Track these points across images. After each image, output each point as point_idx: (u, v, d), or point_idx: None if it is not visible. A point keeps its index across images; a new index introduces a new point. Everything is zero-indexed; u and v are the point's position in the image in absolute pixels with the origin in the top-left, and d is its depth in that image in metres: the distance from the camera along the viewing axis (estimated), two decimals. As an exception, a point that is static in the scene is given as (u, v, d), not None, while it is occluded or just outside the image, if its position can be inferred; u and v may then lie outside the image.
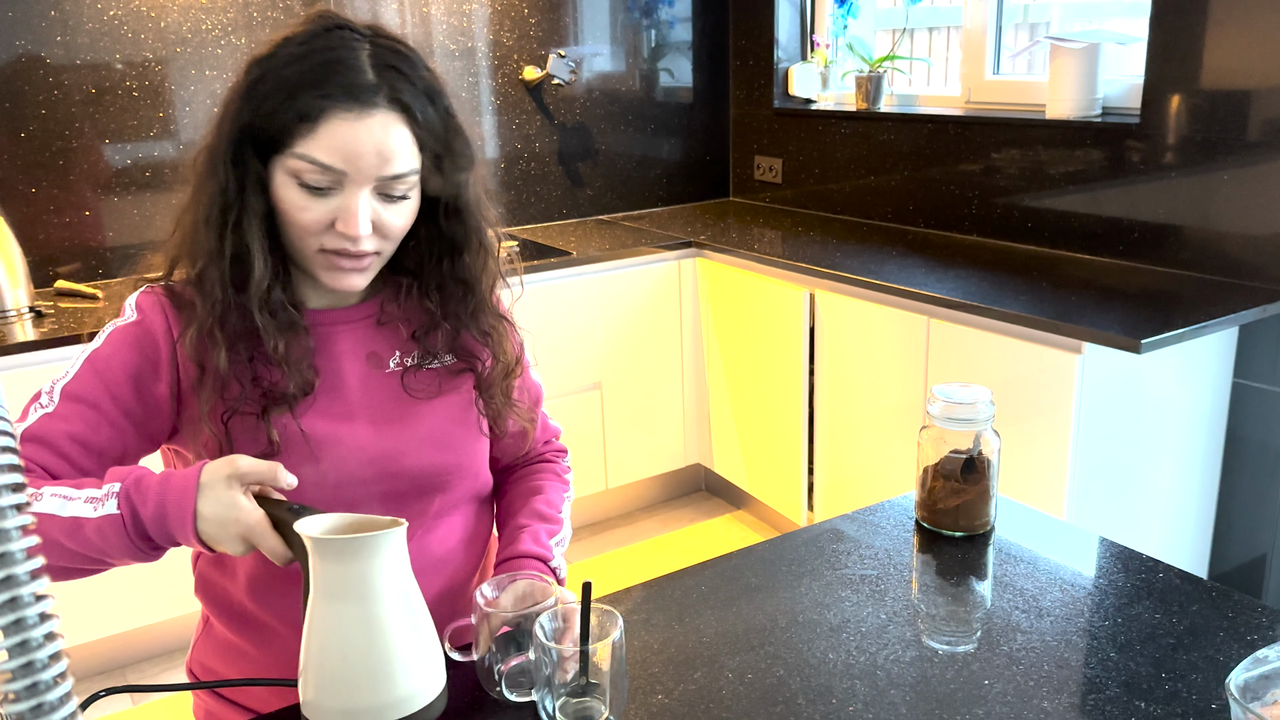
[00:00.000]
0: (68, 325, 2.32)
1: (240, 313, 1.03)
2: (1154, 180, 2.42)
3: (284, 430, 1.06)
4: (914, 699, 0.95)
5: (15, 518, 0.35)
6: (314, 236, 1.02)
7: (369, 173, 0.99)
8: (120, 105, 2.69)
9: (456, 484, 1.16)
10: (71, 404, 1.02)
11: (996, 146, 2.78)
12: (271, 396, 1.05)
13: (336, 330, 1.12)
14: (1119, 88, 2.58)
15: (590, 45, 3.39)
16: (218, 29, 2.78)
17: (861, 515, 1.32)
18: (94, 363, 1.04)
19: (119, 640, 2.51)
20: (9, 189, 2.60)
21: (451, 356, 1.17)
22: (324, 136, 0.97)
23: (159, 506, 0.92)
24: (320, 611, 0.84)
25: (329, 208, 1.00)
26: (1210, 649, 1.00)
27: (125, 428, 1.04)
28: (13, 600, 0.37)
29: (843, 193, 3.31)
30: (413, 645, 0.85)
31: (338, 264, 1.03)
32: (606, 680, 0.89)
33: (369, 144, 0.98)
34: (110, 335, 1.06)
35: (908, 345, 2.42)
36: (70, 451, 1.01)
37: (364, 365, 1.12)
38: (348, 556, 0.82)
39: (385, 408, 1.12)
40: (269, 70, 1.00)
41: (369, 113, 0.98)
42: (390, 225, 1.04)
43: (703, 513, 3.28)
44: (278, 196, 1.01)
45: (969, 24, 2.94)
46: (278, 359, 1.04)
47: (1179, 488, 2.30)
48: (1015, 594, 1.12)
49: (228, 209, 1.01)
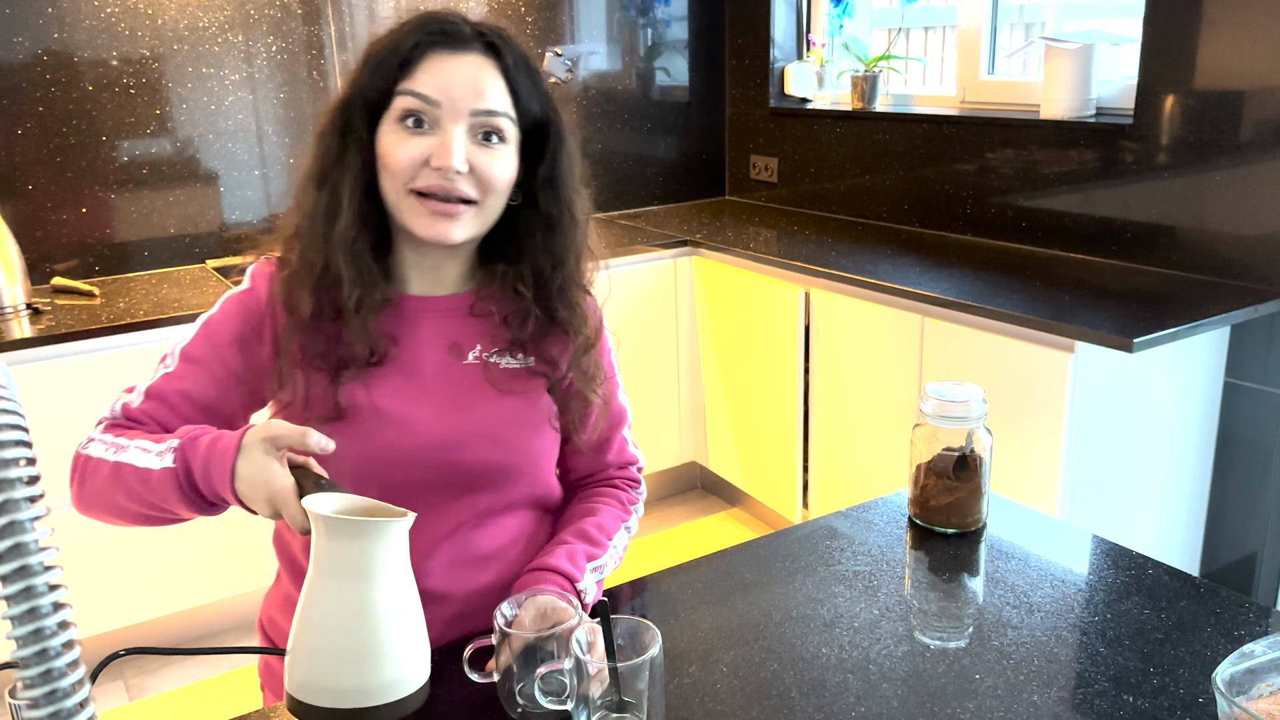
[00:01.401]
0: (64, 322, 2.33)
1: (326, 262, 1.08)
2: (1147, 180, 2.43)
3: (352, 398, 1.10)
4: (906, 692, 0.96)
5: (28, 500, 0.36)
6: (408, 174, 1.06)
7: (464, 106, 1.05)
8: (117, 102, 2.70)
9: (509, 485, 1.17)
10: (186, 364, 1.12)
11: (991, 146, 2.79)
12: (345, 359, 1.10)
13: (426, 316, 1.16)
14: (1113, 88, 2.59)
15: (587, 44, 3.40)
16: (214, 26, 2.78)
17: (854, 512, 1.33)
18: (207, 327, 1.14)
19: (121, 635, 2.51)
20: (6, 186, 2.60)
21: (532, 359, 1.19)
22: (421, 72, 1.05)
23: (205, 463, 0.96)
24: (316, 587, 0.85)
25: (424, 145, 1.05)
26: (1198, 644, 1.02)
27: (231, 386, 1.12)
28: (22, 569, 0.38)
29: (838, 192, 3.33)
30: (403, 633, 0.86)
31: (432, 207, 1.06)
32: (644, 696, 0.89)
33: (463, 76, 1.05)
34: (224, 302, 1.15)
35: (902, 344, 2.43)
36: (181, 407, 1.10)
37: (444, 353, 1.15)
38: (349, 537, 0.83)
39: (454, 397, 1.14)
40: (380, 40, 1.09)
41: (464, 51, 1.06)
42: (486, 170, 1.07)
43: (698, 510, 3.29)
44: (381, 147, 1.07)
45: (964, 24, 2.95)
46: (351, 309, 1.08)
47: (1170, 486, 2.32)
48: (1006, 590, 1.13)
49: (327, 170, 1.09)
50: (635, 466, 1.33)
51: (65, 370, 2.26)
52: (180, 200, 2.83)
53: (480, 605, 1.14)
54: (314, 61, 2.94)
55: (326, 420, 1.09)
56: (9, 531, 0.37)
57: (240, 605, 2.64)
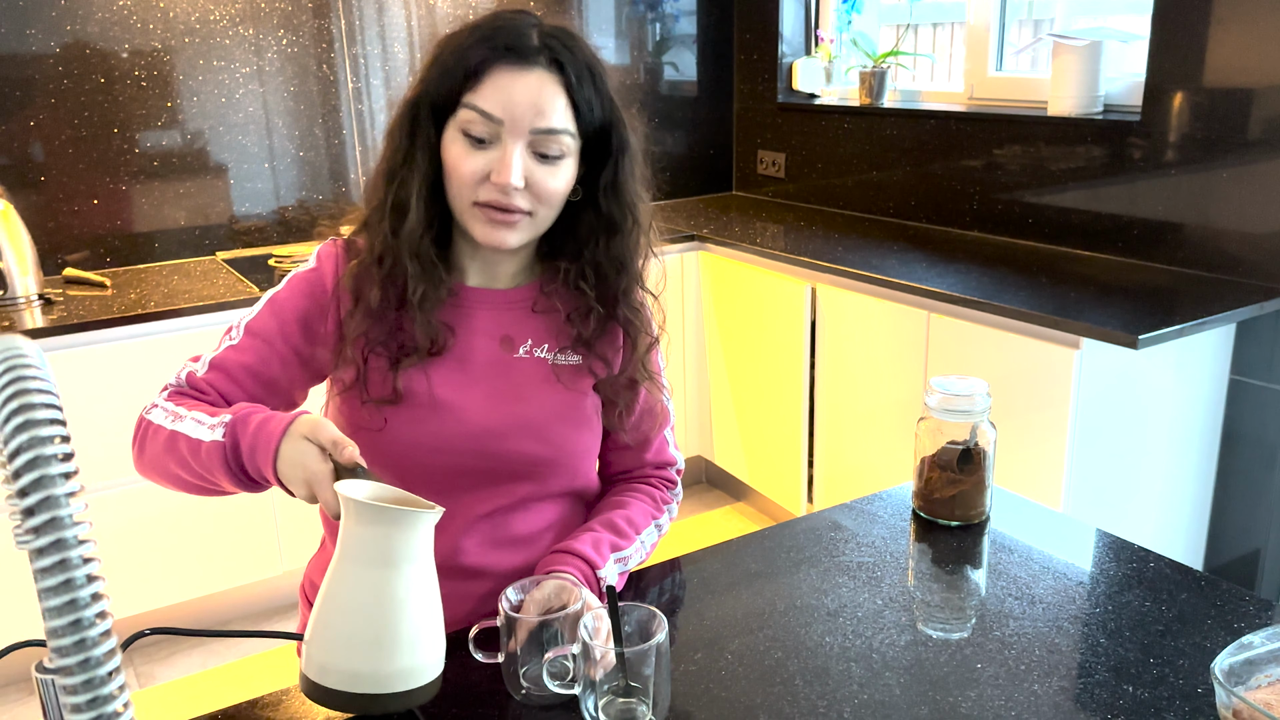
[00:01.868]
0: (76, 313, 2.35)
1: (394, 256, 1.12)
2: (1154, 177, 2.44)
3: (409, 383, 1.14)
4: (908, 681, 0.97)
5: (63, 475, 0.38)
6: (470, 188, 1.09)
7: (524, 124, 1.07)
8: (129, 95, 2.71)
9: (549, 477, 1.20)
10: (250, 338, 1.15)
11: (998, 143, 2.80)
12: (405, 348, 1.14)
13: (481, 308, 1.19)
14: (1121, 85, 2.60)
15: (595, 38, 3.41)
16: (225, 20, 2.80)
17: (859, 505, 1.35)
18: (273, 303, 1.17)
19: (128, 624, 2.54)
20: (19, 177, 2.62)
21: (581, 357, 1.21)
22: (486, 88, 1.07)
23: (253, 440, 0.99)
24: (339, 571, 0.86)
25: (487, 159, 1.08)
26: (1198, 636, 1.03)
27: (293, 362, 1.16)
28: (65, 570, 0.39)
29: (845, 187, 3.33)
30: (421, 624, 0.87)
31: (490, 216, 1.09)
32: (650, 682, 0.90)
33: (526, 96, 1.06)
34: (291, 280, 1.19)
35: (908, 339, 2.44)
36: (243, 379, 1.14)
37: (496, 345, 1.18)
38: (377, 523, 0.84)
39: (502, 390, 1.17)
40: (449, 41, 1.11)
41: (528, 69, 1.07)
42: (543, 184, 1.09)
43: (703, 504, 3.30)
44: (446, 155, 1.10)
45: (972, 20, 2.96)
46: (415, 304, 1.12)
47: (1175, 482, 2.33)
48: (1009, 582, 1.15)
49: (397, 167, 1.12)
50: (674, 468, 1.34)
51: (77, 360, 2.28)
52: (191, 192, 2.85)
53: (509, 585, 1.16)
54: (324, 55, 2.95)
55: (383, 403, 1.13)
56: (45, 506, 0.38)
57: (251, 593, 2.66)
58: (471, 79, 1.07)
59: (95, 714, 0.38)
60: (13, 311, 2.37)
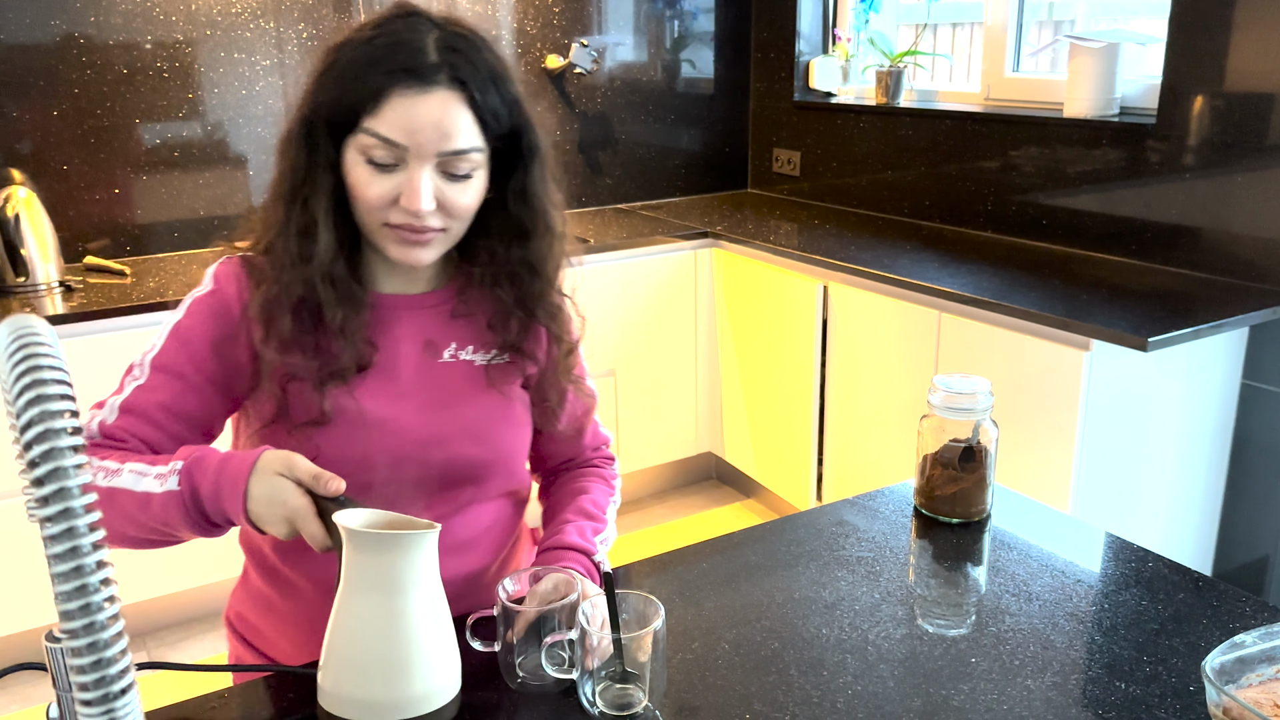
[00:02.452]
0: (96, 300, 2.38)
1: (305, 283, 1.07)
2: (1169, 181, 2.43)
3: (337, 402, 1.10)
4: (902, 674, 0.99)
5: (73, 456, 0.40)
6: (380, 211, 1.05)
7: (430, 148, 1.03)
8: (151, 85, 2.75)
9: (490, 478, 1.19)
10: (159, 375, 1.09)
11: (1014, 144, 2.80)
12: (329, 368, 1.10)
13: (400, 314, 1.16)
14: (1137, 87, 2.59)
15: (614, 34, 3.42)
16: (247, 13, 2.83)
17: (861, 500, 1.36)
18: (177, 334, 1.10)
19: (140, 608, 2.57)
20: (42, 166, 2.66)
21: (507, 356, 1.20)
22: (387, 113, 1.02)
23: (215, 484, 0.96)
24: (348, 602, 0.86)
25: (394, 183, 1.04)
26: (1193, 635, 1.04)
27: (210, 394, 1.10)
28: (71, 537, 0.41)
29: (860, 187, 3.34)
30: (434, 646, 0.87)
31: (403, 238, 1.07)
32: (646, 668, 0.92)
33: (428, 120, 1.02)
34: (190, 306, 1.12)
35: (918, 339, 2.45)
36: (162, 420, 1.08)
37: (420, 352, 1.16)
38: (381, 551, 0.84)
39: (432, 395, 1.15)
40: (341, 54, 1.06)
41: (430, 90, 1.02)
42: (455, 203, 1.06)
43: (713, 500, 3.32)
44: (348, 174, 1.06)
45: (990, 21, 2.95)
46: (335, 329, 1.09)
47: (1184, 487, 2.32)
48: (1006, 579, 1.16)
49: (298, 187, 1.07)
50: (607, 446, 1.36)
51: (96, 347, 2.31)
52: (210, 183, 2.88)
53: (456, 591, 1.14)
54: (343, 48, 2.97)
55: (312, 425, 1.09)
56: (54, 477, 0.40)
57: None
58: (369, 103, 1.02)
59: (99, 675, 0.40)
60: (34, 298, 2.40)
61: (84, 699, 0.40)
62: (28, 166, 2.64)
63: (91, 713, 0.40)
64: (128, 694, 0.40)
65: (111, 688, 0.40)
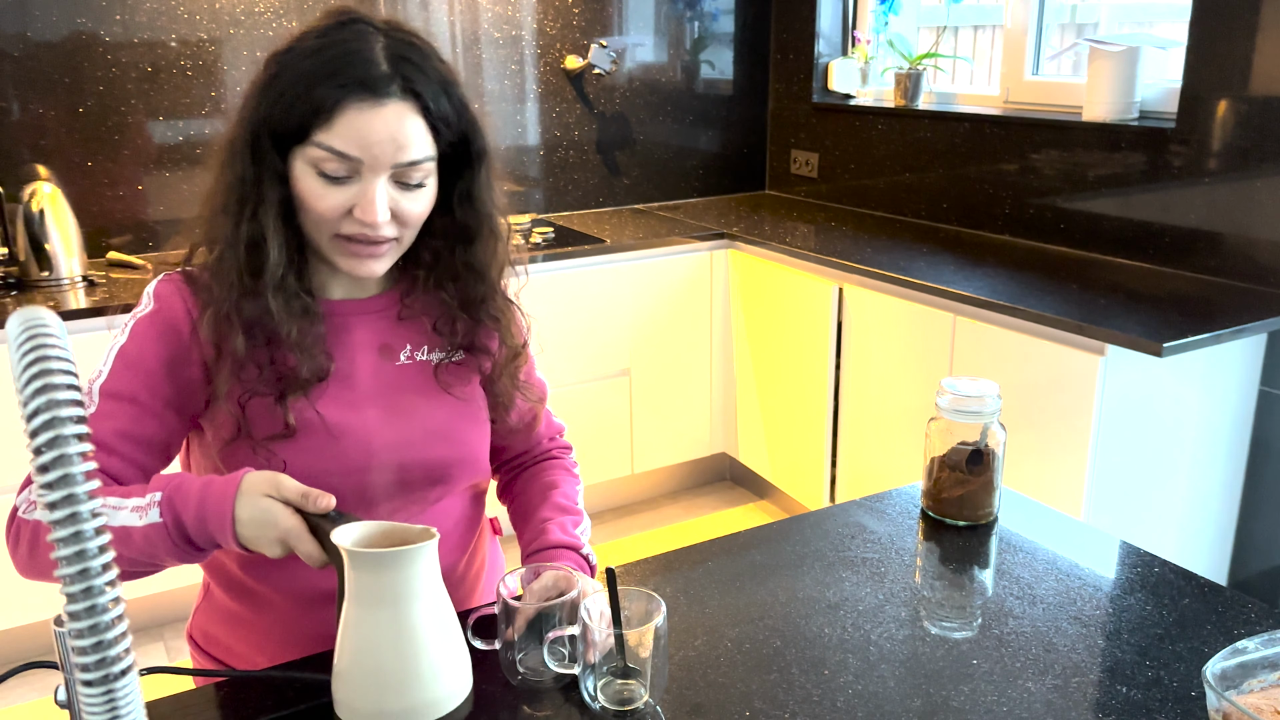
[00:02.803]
0: (118, 295, 2.41)
1: (255, 298, 1.05)
2: (1188, 185, 2.42)
3: (299, 414, 1.09)
4: (903, 674, 0.99)
5: (82, 463, 0.41)
6: (332, 223, 1.04)
7: (385, 160, 1.02)
8: (174, 83, 2.78)
9: (458, 476, 1.20)
10: (111, 402, 1.05)
11: (1032, 147, 2.79)
12: (287, 381, 1.08)
13: (352, 320, 1.15)
14: (1157, 91, 2.58)
15: (633, 35, 3.44)
16: (270, 12, 2.86)
17: (868, 502, 1.36)
18: (124, 357, 1.07)
19: (158, 600, 2.60)
20: (67, 162, 2.70)
21: (462, 353, 1.20)
22: (340, 126, 1.00)
23: (199, 510, 0.96)
24: (354, 617, 0.87)
25: (347, 195, 1.03)
26: (1196, 640, 1.03)
27: (166, 415, 1.08)
28: (74, 523, 0.43)
29: (877, 189, 3.33)
30: (442, 651, 0.88)
31: (355, 250, 1.06)
32: (647, 664, 0.93)
33: (384, 133, 1.01)
34: (134, 328, 1.08)
35: (933, 342, 2.45)
36: (120, 447, 1.05)
37: (376, 356, 1.16)
38: (383, 568, 0.85)
39: (394, 399, 1.15)
40: (286, 65, 1.03)
41: (383, 102, 1.01)
42: (408, 212, 1.06)
43: (726, 501, 3.32)
44: (297, 186, 1.04)
45: (1010, 24, 2.95)
46: (291, 344, 1.07)
47: (1200, 494, 2.31)
48: (1011, 581, 1.16)
49: (245, 199, 1.04)
50: (561, 435, 1.37)
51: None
52: (231, 180, 2.91)
53: None
54: (364, 48, 3.00)
55: (274, 439, 1.08)
56: (59, 464, 0.42)
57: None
58: (321, 116, 1.00)
59: (99, 656, 0.41)
60: (57, 292, 2.44)
61: (85, 679, 0.41)
62: (53, 163, 2.68)
63: (92, 693, 0.41)
64: (128, 675, 0.42)
65: (112, 669, 0.41)
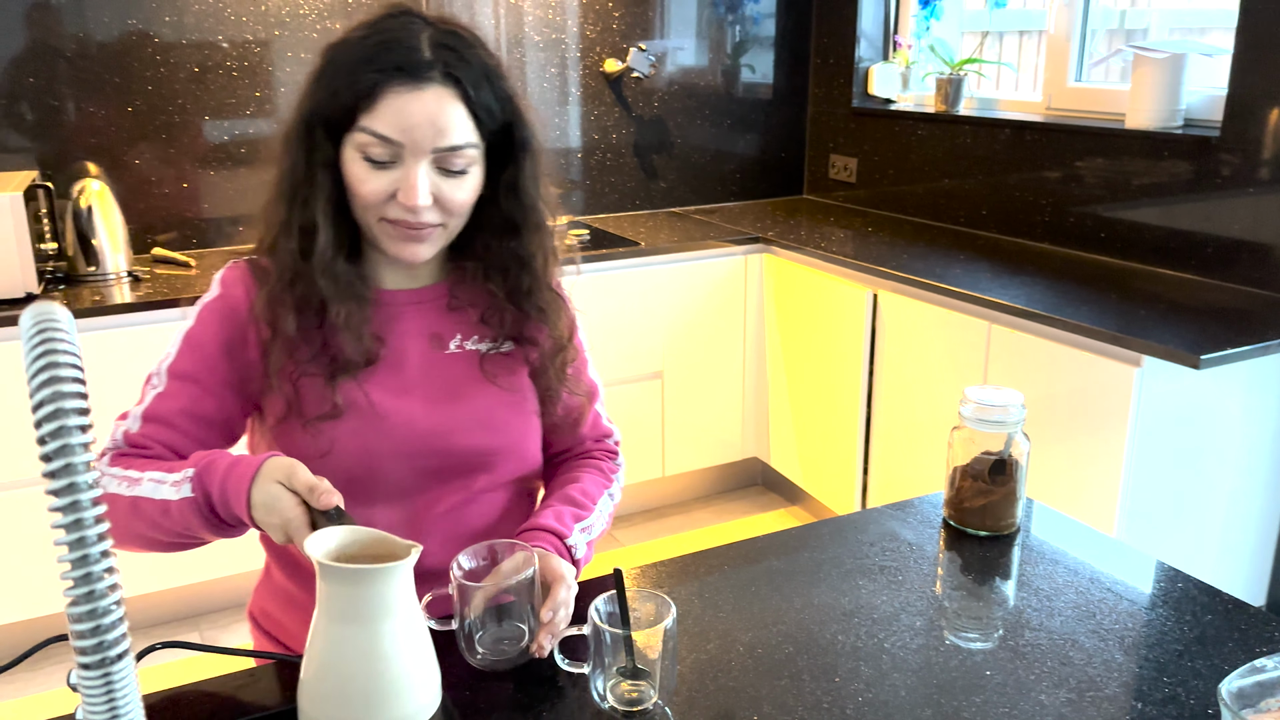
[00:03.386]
0: (161, 290, 2.47)
1: (307, 280, 1.10)
2: (1233, 195, 2.38)
3: (347, 396, 1.13)
4: (915, 683, 0.99)
5: (84, 453, 0.43)
6: (377, 208, 1.08)
7: (425, 145, 1.05)
8: (220, 83, 2.84)
9: (501, 465, 1.22)
10: (176, 381, 1.12)
11: (1074, 154, 2.75)
12: (338, 362, 1.13)
13: (404, 309, 1.19)
14: (1202, 99, 2.53)
15: (675, 39, 3.44)
16: (314, 14, 2.90)
17: (890, 510, 1.35)
18: (189, 340, 1.14)
19: (189, 591, 2.66)
20: (115, 159, 2.76)
21: (511, 344, 1.22)
22: (381, 110, 1.04)
23: (222, 488, 0.99)
24: (323, 629, 0.84)
25: (390, 179, 1.06)
26: (1217, 658, 1.02)
27: (226, 396, 1.14)
28: (75, 510, 0.44)
29: (916, 194, 3.31)
30: (411, 669, 0.85)
31: (400, 234, 1.09)
32: (657, 665, 0.93)
33: (423, 116, 1.04)
34: (200, 313, 1.16)
35: (968, 350, 2.42)
36: (182, 424, 1.11)
37: (426, 345, 1.19)
38: (351, 583, 0.82)
39: (441, 387, 1.18)
40: (337, 54, 1.08)
41: (423, 87, 1.04)
42: (450, 198, 1.09)
43: (757, 506, 3.31)
44: (345, 172, 1.08)
45: (1053, 29, 2.91)
46: (340, 325, 1.11)
47: (1239, 510, 2.26)
48: (1030, 593, 1.15)
49: (297, 186, 1.09)
50: (611, 439, 1.35)
51: (161, 335, 2.39)
52: (274, 179, 2.96)
53: None
54: (406, 50, 3.03)
55: (324, 419, 1.12)
56: (61, 454, 0.43)
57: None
58: (364, 101, 1.04)
59: (97, 639, 0.43)
60: (103, 287, 2.50)
61: (83, 663, 0.42)
62: (102, 160, 2.74)
63: (90, 676, 0.42)
64: (124, 660, 0.43)
65: (109, 653, 0.43)
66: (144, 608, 2.63)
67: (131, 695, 0.44)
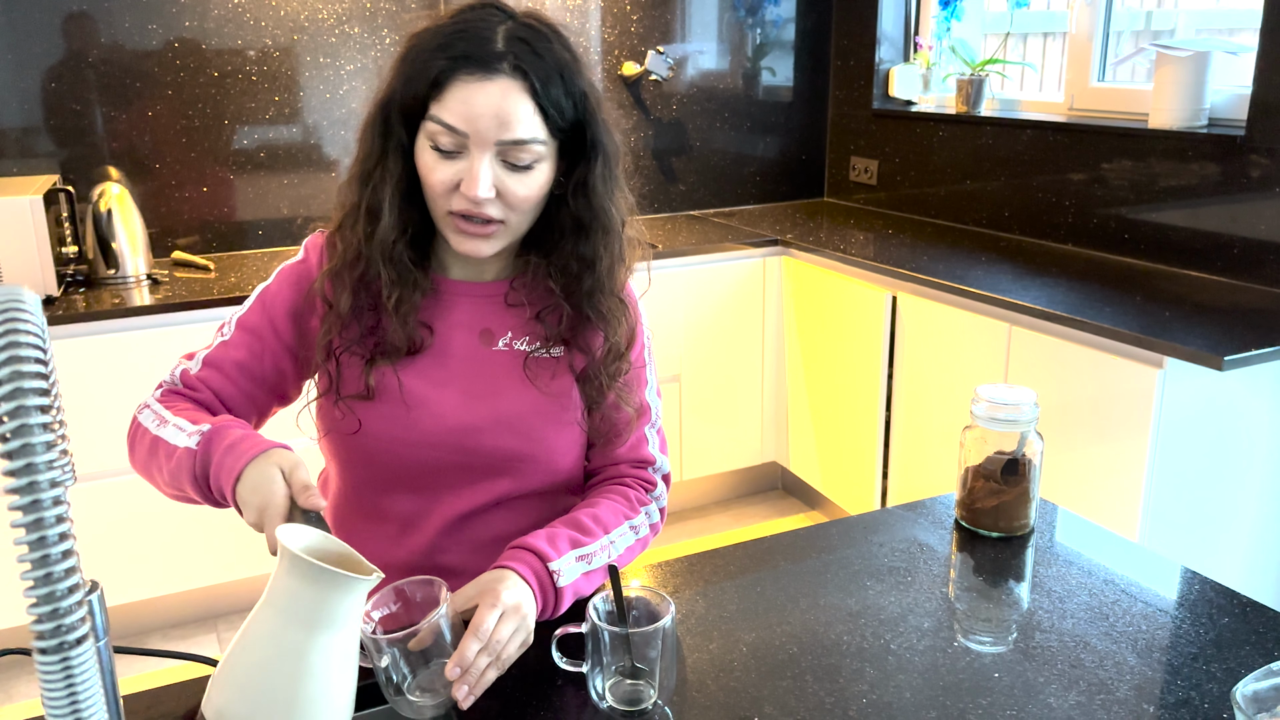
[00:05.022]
0: (180, 294, 2.48)
1: (368, 262, 1.12)
2: (1259, 195, 2.33)
3: (381, 379, 1.14)
4: (920, 684, 0.97)
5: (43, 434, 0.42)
6: (442, 198, 1.08)
7: (489, 136, 1.04)
8: (240, 89, 2.86)
9: (529, 473, 1.18)
10: (241, 333, 1.16)
11: (1096, 155, 2.71)
12: (381, 346, 1.14)
13: (460, 300, 1.18)
14: (1226, 98, 2.49)
15: (695, 43, 3.43)
16: (333, 18, 2.92)
17: (902, 510, 1.33)
18: (263, 298, 1.18)
19: (205, 593, 2.67)
20: (136, 164, 2.79)
21: (561, 348, 1.19)
22: (449, 99, 1.04)
23: (224, 454, 0.98)
24: (262, 619, 0.81)
25: (455, 170, 1.06)
26: (1232, 661, 0.99)
27: (283, 357, 1.17)
28: (32, 491, 0.44)
29: (938, 196, 3.28)
30: (331, 693, 0.82)
31: (463, 227, 1.08)
32: (656, 664, 0.92)
33: (487, 107, 1.03)
34: (279, 273, 1.19)
35: (988, 352, 2.39)
36: (235, 375, 1.15)
37: (475, 339, 1.17)
38: (309, 581, 0.80)
39: (479, 383, 1.16)
40: (417, 41, 1.08)
41: (490, 78, 1.03)
42: (514, 193, 1.07)
43: (776, 511, 3.29)
44: (418, 161, 1.09)
45: (1074, 30, 2.88)
46: (390, 309, 1.12)
47: (1266, 514, 2.22)
48: (1042, 594, 1.12)
49: (370, 171, 1.11)
50: (652, 467, 1.25)
51: (180, 337, 2.41)
52: (294, 183, 2.98)
53: None
54: (424, 54, 3.04)
55: (356, 399, 1.13)
56: (19, 433, 0.43)
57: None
58: (435, 89, 1.04)
59: (55, 623, 0.42)
60: (123, 290, 2.52)
61: (40, 647, 0.42)
62: (123, 164, 2.77)
63: (49, 661, 0.42)
64: (83, 645, 0.42)
65: (67, 637, 0.42)
66: (161, 610, 2.65)
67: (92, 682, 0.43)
